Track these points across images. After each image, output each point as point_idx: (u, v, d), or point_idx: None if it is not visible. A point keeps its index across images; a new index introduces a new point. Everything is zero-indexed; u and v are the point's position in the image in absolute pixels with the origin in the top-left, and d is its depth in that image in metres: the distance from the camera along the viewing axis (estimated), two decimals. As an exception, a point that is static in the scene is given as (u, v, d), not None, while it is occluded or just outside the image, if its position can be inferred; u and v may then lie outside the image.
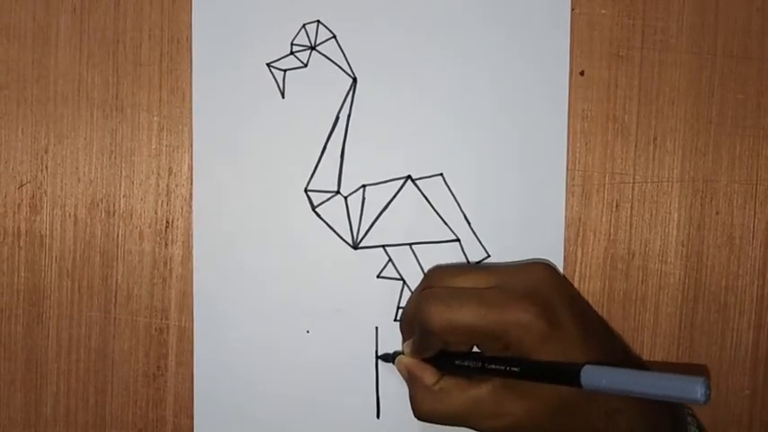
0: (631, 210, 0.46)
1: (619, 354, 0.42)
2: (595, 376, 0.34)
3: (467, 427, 0.39)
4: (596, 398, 0.37)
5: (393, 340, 0.45)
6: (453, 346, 0.40)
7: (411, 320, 0.41)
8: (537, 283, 0.38)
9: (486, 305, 0.37)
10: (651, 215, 0.45)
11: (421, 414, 0.40)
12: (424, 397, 0.40)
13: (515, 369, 0.37)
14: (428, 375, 0.40)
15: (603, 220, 0.46)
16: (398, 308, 0.46)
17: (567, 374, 0.35)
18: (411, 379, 0.41)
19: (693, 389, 0.31)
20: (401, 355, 0.42)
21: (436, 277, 0.42)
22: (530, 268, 0.40)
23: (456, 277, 0.40)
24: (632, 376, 0.34)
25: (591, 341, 0.38)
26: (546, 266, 0.40)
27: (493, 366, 0.38)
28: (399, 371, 0.42)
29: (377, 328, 0.46)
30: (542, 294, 0.38)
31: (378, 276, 0.46)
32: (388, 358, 0.45)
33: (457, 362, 0.40)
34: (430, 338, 0.39)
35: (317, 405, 0.46)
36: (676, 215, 0.45)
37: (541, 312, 0.36)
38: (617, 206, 0.46)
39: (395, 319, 0.46)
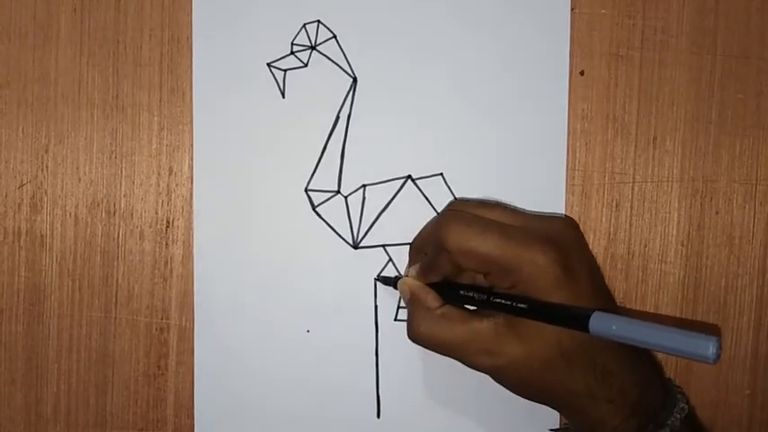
0: (631, 209, 0.46)
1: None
2: (605, 322, 0.34)
3: (458, 359, 0.39)
4: (594, 354, 0.37)
5: (393, 340, 0.45)
6: (461, 274, 0.40)
7: (424, 243, 0.42)
8: (560, 231, 0.39)
9: (507, 237, 0.37)
10: (651, 215, 0.46)
11: (417, 336, 0.40)
12: (424, 320, 0.40)
13: (522, 306, 0.36)
14: (431, 299, 0.40)
15: (603, 219, 0.46)
16: (398, 308, 0.46)
17: (575, 317, 0.35)
18: (413, 300, 0.41)
19: (705, 345, 0.31)
20: (405, 278, 0.42)
21: (460, 205, 0.42)
22: (554, 218, 0.41)
23: (482, 209, 0.41)
24: (643, 327, 0.33)
25: (600, 298, 0.38)
26: (570, 220, 0.41)
27: (499, 300, 0.37)
28: (402, 291, 0.42)
29: (377, 328, 0.46)
30: (563, 242, 0.38)
31: (378, 276, 0.46)
32: (389, 281, 0.44)
33: (462, 292, 0.39)
34: (442, 260, 0.39)
35: (317, 405, 0.46)
36: (676, 215, 0.45)
37: (559, 258, 0.37)
38: (617, 206, 0.46)
39: (395, 319, 0.46)
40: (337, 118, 0.46)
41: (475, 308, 0.40)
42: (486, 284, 0.40)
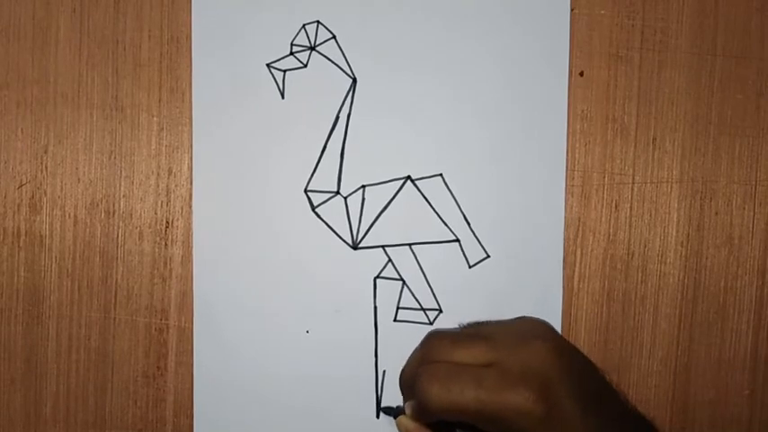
0: (631, 210, 0.46)
1: (627, 427, 0.41)
2: None
3: None
4: None
5: (393, 340, 0.45)
6: (451, 420, 0.40)
7: (410, 385, 0.41)
8: (536, 361, 0.38)
9: (485, 389, 0.37)
10: (650, 215, 0.46)
11: None
12: None
13: None
14: None
15: (603, 220, 0.46)
16: (398, 308, 0.46)
17: None
18: None
19: None
20: (402, 416, 0.42)
21: (435, 348, 0.40)
22: (530, 343, 0.39)
23: (455, 351, 0.39)
24: None
25: (591, 421, 0.37)
26: (546, 339, 0.39)
27: None
28: (400, 431, 0.42)
29: (376, 328, 0.46)
30: (541, 376, 0.37)
31: (377, 277, 0.46)
32: (391, 412, 0.45)
33: (458, 431, 0.40)
34: (427, 413, 0.39)
35: (316, 405, 0.46)
36: (675, 215, 0.45)
37: (539, 397, 0.36)
38: (616, 206, 0.46)
39: (394, 320, 0.46)
40: (337, 118, 0.46)
41: None
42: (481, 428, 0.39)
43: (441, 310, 0.46)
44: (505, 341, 0.39)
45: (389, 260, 0.46)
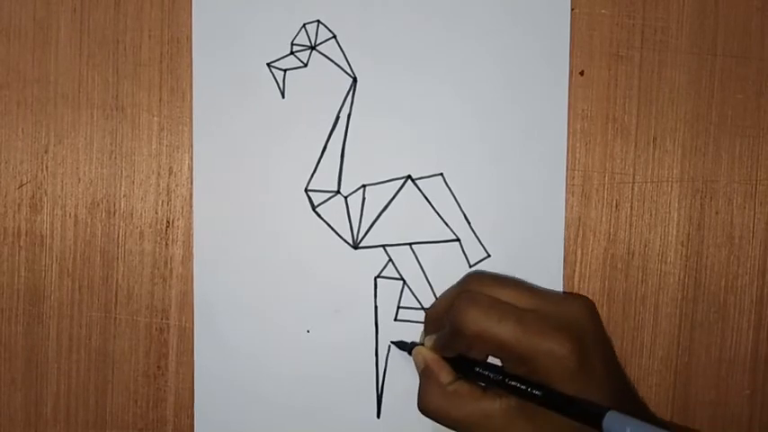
0: (631, 210, 0.46)
1: (638, 409, 0.41)
2: (619, 423, 0.34)
3: None
4: None
5: (393, 340, 0.45)
6: (477, 353, 0.39)
7: (440, 317, 0.41)
8: (577, 318, 0.38)
9: (524, 326, 0.37)
10: (651, 215, 0.46)
11: (426, 410, 0.40)
12: (435, 394, 0.40)
13: (537, 392, 0.36)
14: (445, 374, 0.40)
15: (603, 219, 0.46)
16: (398, 308, 0.46)
17: (589, 414, 0.35)
18: (426, 373, 0.40)
19: None
20: (420, 347, 0.42)
21: (476, 282, 0.41)
22: (572, 301, 0.39)
23: (498, 288, 0.39)
24: None
25: (615, 390, 0.37)
26: (588, 303, 0.40)
27: (514, 383, 0.37)
28: (416, 361, 0.42)
29: (377, 328, 0.46)
30: (580, 331, 0.37)
31: (378, 276, 0.46)
32: (404, 347, 0.44)
33: (477, 369, 0.39)
34: (457, 340, 0.39)
35: (317, 405, 0.46)
36: (676, 215, 0.45)
37: (576, 350, 0.36)
38: (617, 206, 0.46)
39: (395, 319, 0.46)
40: (337, 118, 0.46)
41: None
42: (504, 365, 0.39)
43: (441, 310, 0.46)
44: (548, 294, 0.40)
45: (390, 260, 0.46)
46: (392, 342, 0.45)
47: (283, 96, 0.46)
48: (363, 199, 0.46)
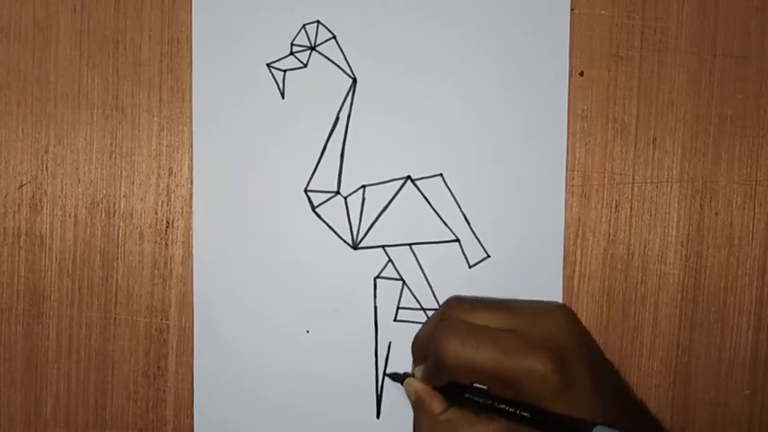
0: (631, 210, 0.46)
1: (629, 411, 0.41)
2: None
3: None
4: None
5: (393, 340, 0.45)
6: (465, 379, 0.39)
7: (424, 347, 0.40)
8: (557, 333, 0.38)
9: (502, 350, 0.36)
10: (650, 215, 0.46)
11: None
12: (429, 425, 0.39)
13: (525, 414, 0.36)
14: (436, 404, 0.39)
15: (603, 220, 0.46)
16: (398, 308, 0.46)
17: (577, 430, 0.35)
18: (418, 404, 0.40)
19: None
20: (411, 378, 0.41)
21: (454, 308, 0.40)
22: (551, 314, 0.39)
23: (474, 312, 0.39)
24: None
25: (603, 399, 0.37)
26: (567, 314, 0.39)
27: (503, 407, 0.37)
28: (407, 394, 0.42)
29: (377, 328, 0.46)
30: (561, 347, 0.37)
31: (377, 277, 0.46)
32: (397, 378, 0.44)
33: (467, 395, 0.39)
34: (442, 370, 0.39)
35: (317, 405, 0.46)
36: (676, 215, 0.45)
37: (557, 367, 0.36)
38: (616, 206, 0.46)
39: (394, 320, 0.46)
40: (337, 118, 0.46)
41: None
42: (491, 390, 0.39)
43: (441, 310, 0.46)
44: (526, 311, 0.39)
45: (389, 260, 0.46)
46: (386, 374, 0.45)
47: (283, 97, 0.46)
48: (363, 199, 0.46)
